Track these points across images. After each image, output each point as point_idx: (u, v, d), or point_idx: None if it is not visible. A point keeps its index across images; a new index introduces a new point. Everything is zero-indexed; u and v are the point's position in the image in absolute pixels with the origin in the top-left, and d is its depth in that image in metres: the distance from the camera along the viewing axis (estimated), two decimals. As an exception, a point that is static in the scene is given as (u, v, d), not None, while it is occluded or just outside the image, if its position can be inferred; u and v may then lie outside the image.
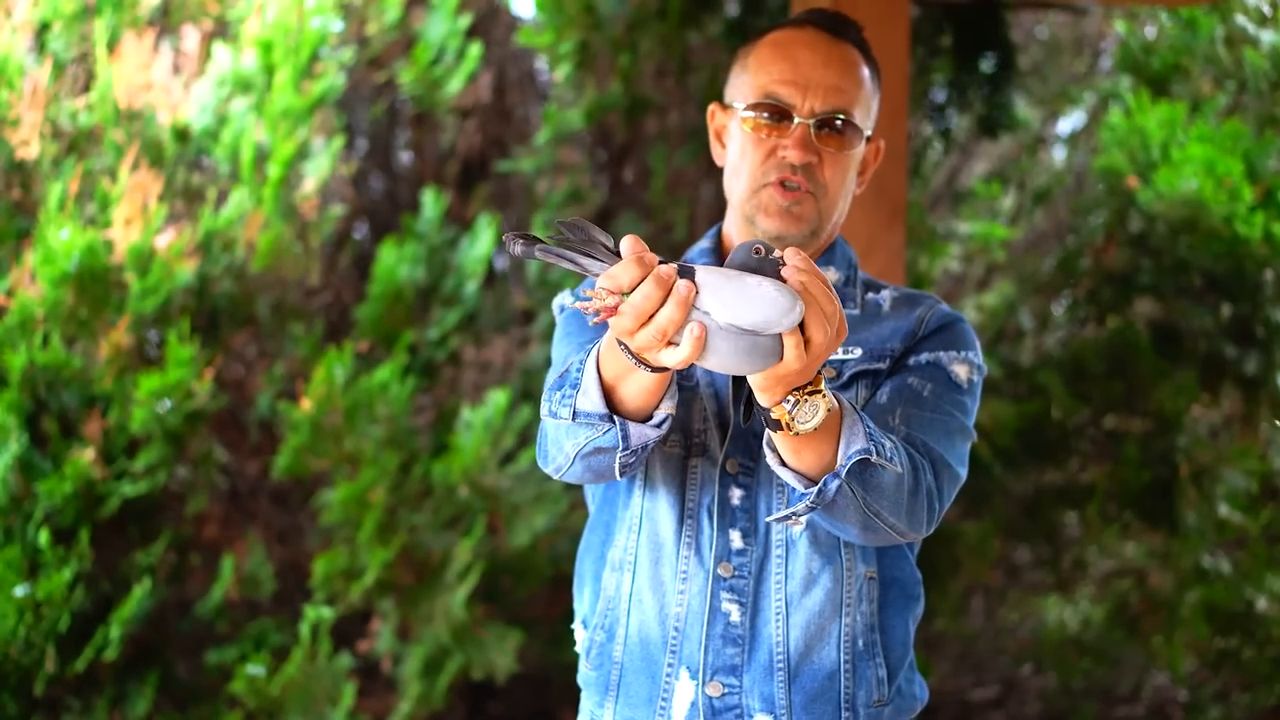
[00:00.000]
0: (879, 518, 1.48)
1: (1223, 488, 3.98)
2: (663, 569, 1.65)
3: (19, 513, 3.16)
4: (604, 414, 1.44)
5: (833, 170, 1.67)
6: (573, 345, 1.65)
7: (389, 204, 4.49)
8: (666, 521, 1.65)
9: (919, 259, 4.03)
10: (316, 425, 3.42)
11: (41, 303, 3.21)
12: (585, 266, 1.33)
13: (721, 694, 1.62)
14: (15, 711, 3.17)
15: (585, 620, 1.74)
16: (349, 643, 3.61)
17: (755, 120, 1.67)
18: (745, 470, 1.63)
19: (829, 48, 1.69)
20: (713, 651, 1.62)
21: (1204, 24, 4.03)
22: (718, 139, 1.76)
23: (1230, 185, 3.64)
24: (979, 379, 1.68)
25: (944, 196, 4.71)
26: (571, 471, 1.54)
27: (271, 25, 3.55)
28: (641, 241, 1.32)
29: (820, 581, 1.63)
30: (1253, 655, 3.99)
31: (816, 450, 1.44)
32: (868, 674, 1.64)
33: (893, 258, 2.74)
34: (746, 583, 1.63)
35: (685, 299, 1.30)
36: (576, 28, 3.91)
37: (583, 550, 1.76)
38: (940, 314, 1.70)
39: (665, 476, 1.65)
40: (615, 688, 1.67)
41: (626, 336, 1.33)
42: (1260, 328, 3.92)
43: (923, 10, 3.71)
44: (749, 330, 1.32)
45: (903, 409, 1.59)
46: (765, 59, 1.70)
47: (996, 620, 4.58)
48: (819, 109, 1.66)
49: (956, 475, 1.60)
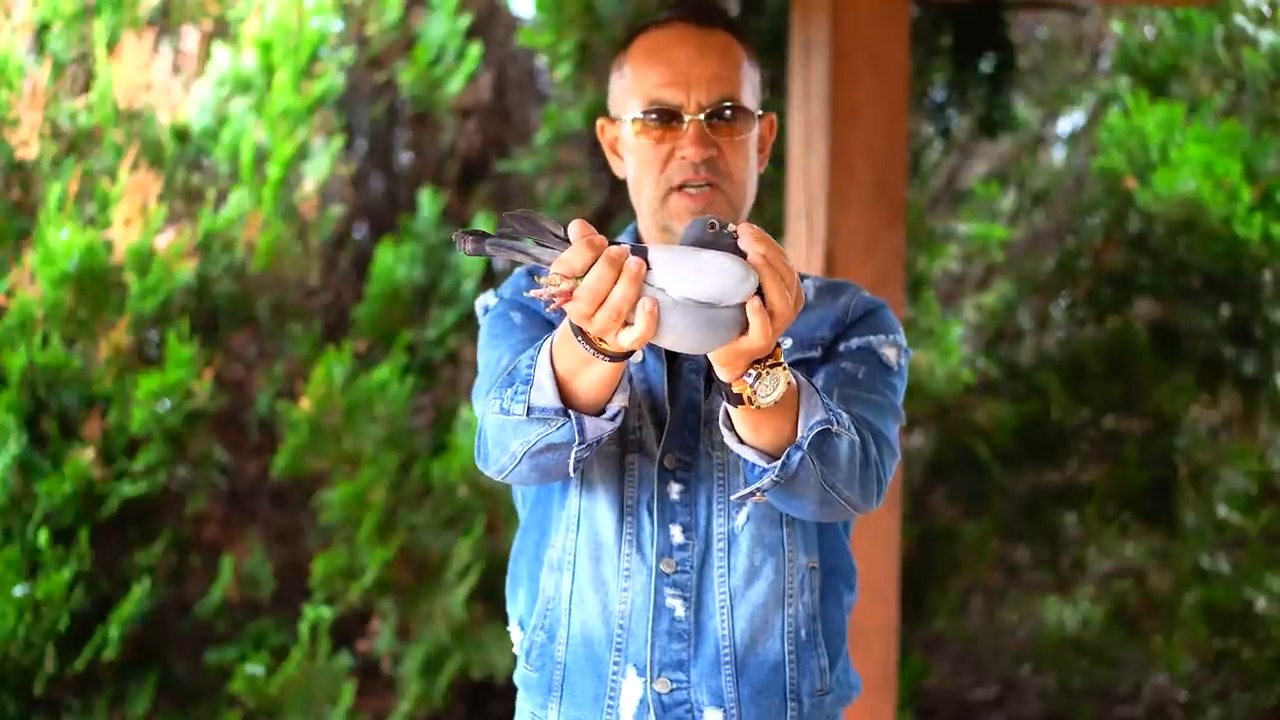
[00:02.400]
0: (835, 490, 1.49)
1: (1222, 488, 3.98)
2: (604, 567, 1.64)
3: (19, 513, 3.16)
4: (559, 408, 1.44)
5: (733, 157, 1.68)
6: (503, 346, 1.64)
7: (388, 204, 4.49)
8: (606, 519, 1.65)
9: (918, 259, 4.03)
10: (316, 425, 3.42)
11: (41, 303, 3.21)
12: (537, 256, 1.33)
13: (670, 690, 1.62)
14: (15, 711, 3.17)
15: (522, 621, 1.73)
16: (349, 642, 3.61)
17: (645, 126, 1.67)
18: (683, 465, 1.63)
19: (701, 39, 1.69)
20: (659, 648, 1.62)
21: (1202, 24, 4.03)
22: (613, 152, 1.77)
23: (1229, 186, 3.64)
24: (906, 361, 1.70)
25: (943, 196, 4.71)
26: (516, 472, 1.53)
27: (271, 25, 3.55)
28: (589, 225, 1.32)
29: (763, 573, 1.63)
30: (1252, 655, 3.99)
31: (775, 425, 1.44)
32: (811, 664, 1.65)
33: (893, 257, 2.74)
34: (689, 577, 1.63)
35: (637, 274, 1.30)
36: (576, 28, 3.91)
37: (516, 551, 1.75)
38: (864, 300, 1.72)
39: (603, 474, 1.65)
40: (559, 688, 1.66)
41: (584, 320, 1.33)
42: (1259, 328, 3.92)
43: (923, 10, 3.71)
44: (705, 303, 1.32)
45: (840, 391, 1.61)
46: (641, 65, 1.69)
47: (996, 620, 4.58)
48: (705, 102, 1.66)
49: (894, 451, 1.62)
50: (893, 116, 2.77)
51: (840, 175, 2.72)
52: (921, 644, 4.34)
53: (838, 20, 2.73)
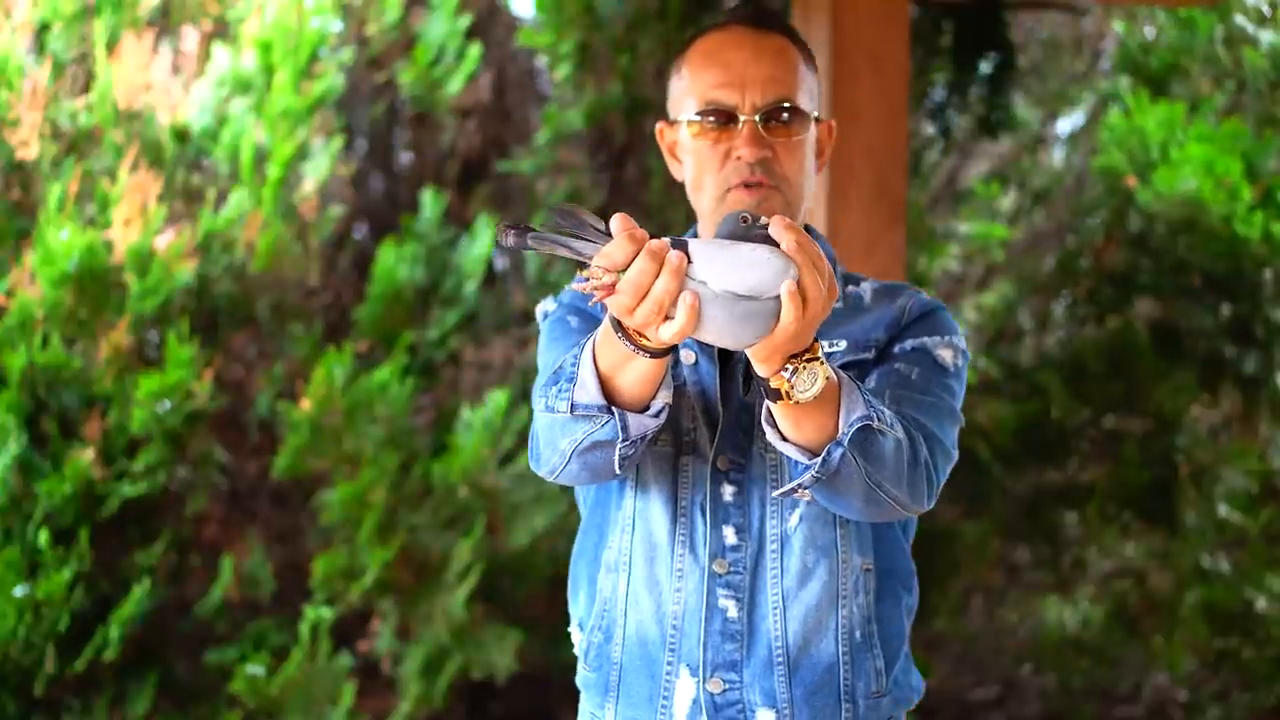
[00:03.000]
0: (881, 489, 1.48)
1: (1222, 487, 3.98)
2: (658, 568, 1.66)
3: (19, 513, 3.16)
4: (602, 405, 1.45)
5: (789, 160, 1.68)
6: (560, 349, 1.65)
7: (389, 204, 4.49)
8: (660, 521, 1.66)
9: (918, 259, 4.03)
10: (316, 425, 3.42)
11: (41, 303, 3.21)
12: (579, 250, 1.33)
13: (723, 690, 1.63)
14: (15, 711, 3.17)
15: (582, 623, 1.75)
16: (349, 643, 3.61)
17: (702, 127, 1.68)
18: (736, 466, 1.64)
19: (757, 41, 1.70)
20: (711, 648, 1.63)
21: (1203, 24, 4.04)
22: (672, 155, 1.78)
23: (1229, 185, 3.64)
24: (964, 363, 1.69)
25: (944, 196, 4.71)
26: (567, 471, 1.54)
27: (271, 26, 3.55)
28: (630, 219, 1.33)
29: (816, 574, 1.63)
30: (1252, 655, 3.99)
31: (816, 421, 1.44)
32: (866, 665, 1.65)
33: (893, 257, 2.74)
34: (742, 578, 1.63)
35: (678, 268, 1.31)
36: (576, 28, 3.91)
37: (576, 554, 1.77)
38: (922, 302, 1.71)
39: (656, 476, 1.66)
40: (615, 688, 1.68)
41: (625, 314, 1.33)
42: (1259, 327, 3.93)
43: (923, 10, 3.71)
44: (746, 296, 1.32)
45: (892, 391, 1.60)
46: (698, 67, 1.70)
47: (996, 620, 4.58)
48: (760, 103, 1.67)
49: (949, 453, 1.61)
50: (893, 116, 2.77)
51: (840, 175, 2.72)
52: (922, 644, 4.34)
53: (838, 20, 2.73)
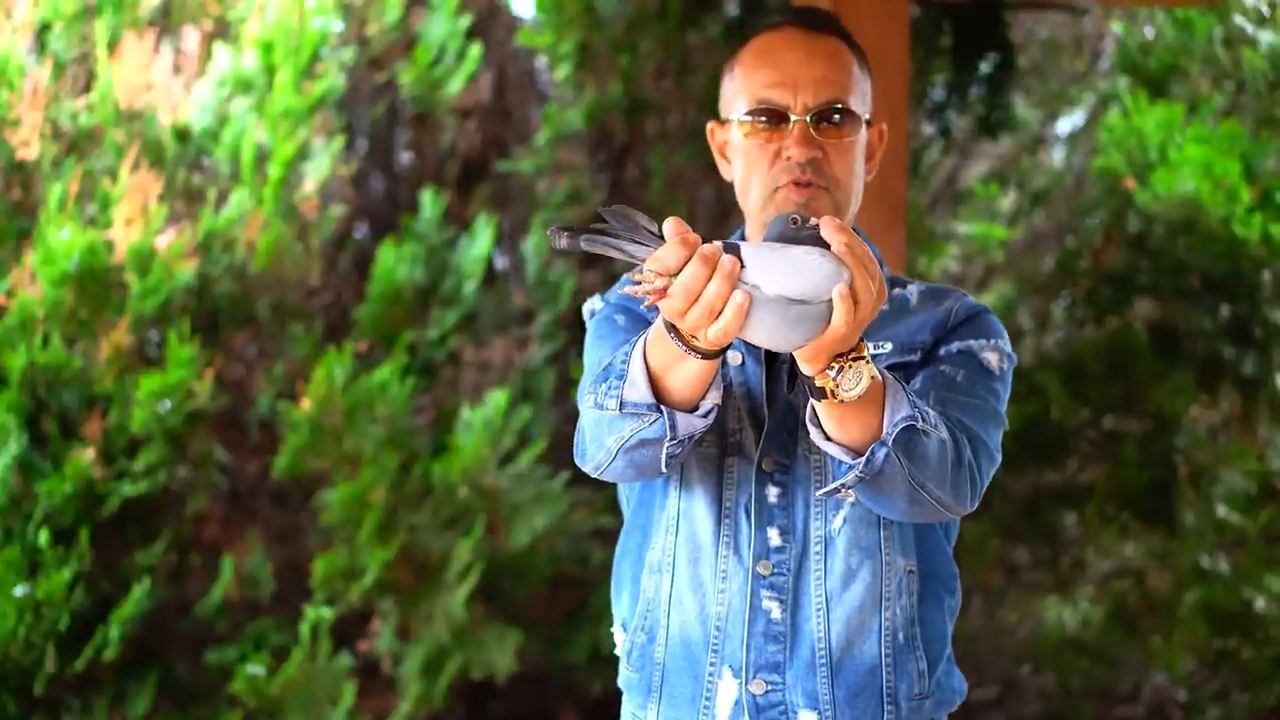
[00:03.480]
0: (924, 489, 1.48)
1: (1221, 488, 3.99)
2: (702, 569, 1.66)
3: (19, 513, 3.16)
4: (651, 403, 1.45)
5: (839, 161, 1.68)
6: (607, 347, 1.65)
7: (389, 204, 4.49)
8: (704, 522, 1.66)
9: (918, 259, 4.04)
10: (316, 425, 3.42)
11: (42, 303, 3.21)
12: (631, 253, 1.33)
13: (765, 691, 1.63)
14: (15, 711, 3.17)
15: (625, 623, 1.74)
16: (349, 643, 3.61)
17: (753, 127, 1.68)
18: (781, 468, 1.64)
19: (810, 43, 1.70)
20: (755, 649, 1.63)
21: (1202, 24, 4.04)
22: (722, 155, 1.78)
23: (1228, 186, 3.65)
24: (1009, 367, 1.69)
25: (943, 197, 4.71)
26: (613, 468, 1.53)
27: (272, 26, 3.55)
28: (684, 223, 1.33)
29: (860, 576, 1.64)
30: (1252, 655, 3.99)
31: (860, 421, 1.44)
32: (908, 667, 1.65)
33: (893, 258, 2.74)
34: (786, 580, 1.63)
35: (731, 273, 1.30)
36: (576, 28, 3.91)
37: (620, 554, 1.77)
38: (968, 305, 1.71)
39: (701, 476, 1.66)
40: (658, 689, 1.68)
41: (677, 317, 1.33)
42: (1258, 328, 3.93)
43: (923, 10, 3.72)
44: (798, 300, 1.32)
45: (936, 393, 1.60)
46: (750, 67, 1.71)
47: (996, 620, 4.58)
48: (812, 104, 1.67)
49: (993, 455, 1.61)
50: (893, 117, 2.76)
51: (840, 175, 2.72)
52: (921, 644, 4.34)
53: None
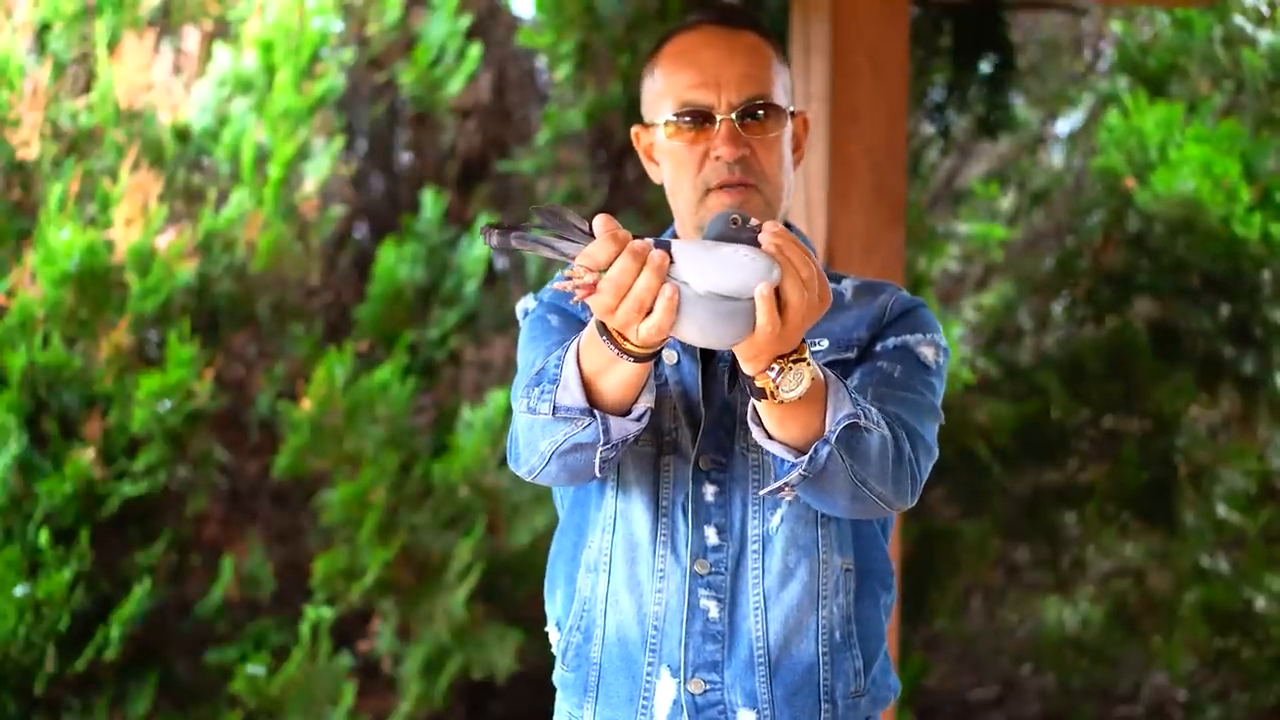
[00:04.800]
0: (866, 486, 1.49)
1: (1221, 488, 3.99)
2: (639, 568, 1.65)
3: (19, 513, 3.16)
4: (585, 408, 1.45)
5: (767, 157, 1.68)
6: (540, 348, 1.65)
7: (389, 204, 4.50)
8: (641, 521, 1.65)
9: (918, 259, 4.03)
10: (316, 425, 3.42)
11: (42, 303, 3.21)
12: (562, 250, 1.33)
13: (703, 691, 1.63)
14: (15, 711, 3.18)
15: (559, 622, 1.74)
16: (349, 643, 3.61)
17: (678, 129, 1.68)
18: (718, 466, 1.64)
19: (730, 40, 1.70)
20: (693, 649, 1.63)
21: (1201, 24, 4.04)
22: (649, 158, 1.78)
23: (1228, 185, 3.65)
24: (945, 360, 1.70)
25: (943, 196, 4.71)
26: (546, 472, 1.54)
27: (272, 25, 3.55)
28: (614, 220, 1.33)
29: (797, 575, 1.63)
30: (1252, 655, 4.00)
31: (802, 420, 1.44)
32: (845, 665, 1.65)
33: (893, 257, 2.74)
34: (724, 579, 1.63)
35: (660, 266, 1.31)
36: (576, 28, 3.91)
37: (554, 554, 1.76)
38: (903, 300, 1.72)
39: (638, 476, 1.65)
40: (594, 689, 1.67)
41: (607, 314, 1.34)
42: (1258, 328, 3.93)
43: (923, 10, 3.71)
44: (728, 296, 1.33)
45: (874, 389, 1.61)
46: (671, 69, 1.70)
47: (996, 620, 4.59)
48: (737, 102, 1.67)
49: (930, 450, 1.62)
50: (893, 117, 2.77)
51: (840, 175, 2.72)
52: (921, 644, 4.35)
53: (838, 21, 2.73)
